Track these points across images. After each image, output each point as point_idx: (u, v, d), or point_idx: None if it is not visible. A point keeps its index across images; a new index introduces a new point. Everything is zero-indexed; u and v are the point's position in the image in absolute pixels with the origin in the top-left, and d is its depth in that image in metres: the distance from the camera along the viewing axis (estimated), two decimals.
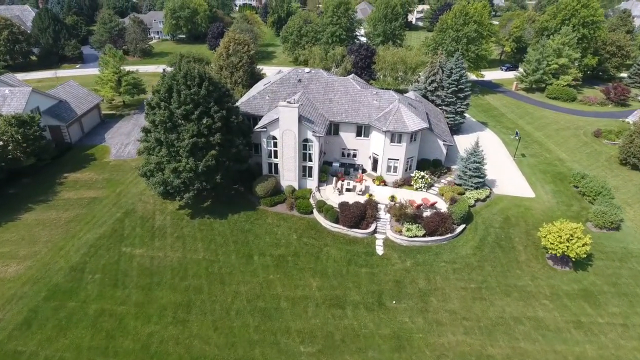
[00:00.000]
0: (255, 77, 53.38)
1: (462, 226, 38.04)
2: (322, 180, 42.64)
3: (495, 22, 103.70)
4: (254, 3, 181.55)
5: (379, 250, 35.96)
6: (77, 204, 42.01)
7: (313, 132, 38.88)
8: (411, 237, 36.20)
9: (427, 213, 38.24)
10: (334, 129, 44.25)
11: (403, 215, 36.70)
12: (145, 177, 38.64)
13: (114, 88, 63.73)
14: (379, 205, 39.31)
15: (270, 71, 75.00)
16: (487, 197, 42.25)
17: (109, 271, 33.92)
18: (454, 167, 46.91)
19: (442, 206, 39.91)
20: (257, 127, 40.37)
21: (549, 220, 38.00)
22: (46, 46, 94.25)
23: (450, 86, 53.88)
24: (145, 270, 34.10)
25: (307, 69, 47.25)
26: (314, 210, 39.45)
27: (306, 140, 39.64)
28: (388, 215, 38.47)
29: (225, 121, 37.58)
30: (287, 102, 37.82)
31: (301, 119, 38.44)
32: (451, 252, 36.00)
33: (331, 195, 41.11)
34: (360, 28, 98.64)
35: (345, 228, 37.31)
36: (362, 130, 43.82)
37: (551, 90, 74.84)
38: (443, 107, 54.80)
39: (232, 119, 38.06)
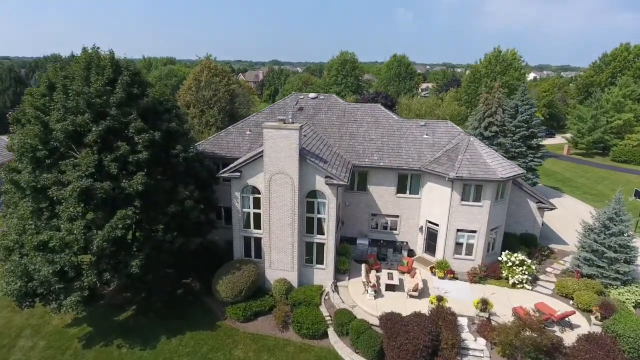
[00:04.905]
0: (236, 119, 37.30)
1: None
2: (342, 271, 23.70)
3: None
4: (251, 83, 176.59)
5: None
6: None
7: (327, 177, 21.00)
8: None
9: (558, 334, 18.80)
10: (358, 180, 26.48)
11: (523, 343, 17.17)
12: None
13: None
14: (459, 319, 19.91)
15: None
16: None
17: None
18: (555, 246, 28.49)
19: (581, 321, 20.52)
20: (223, 170, 22.46)
21: None
22: (2, 109, 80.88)
23: (518, 130, 37.44)
24: None
25: (312, 94, 30.94)
26: (330, 331, 19.89)
27: (314, 193, 21.60)
28: (481, 340, 18.96)
29: (162, 154, 19.91)
30: (279, 119, 20.59)
31: (305, 154, 20.92)
32: None
33: (360, 298, 21.84)
34: (369, 90, 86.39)
35: None
36: (407, 182, 25.94)
37: (618, 152, 58.79)
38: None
39: (176, 152, 20.30)
